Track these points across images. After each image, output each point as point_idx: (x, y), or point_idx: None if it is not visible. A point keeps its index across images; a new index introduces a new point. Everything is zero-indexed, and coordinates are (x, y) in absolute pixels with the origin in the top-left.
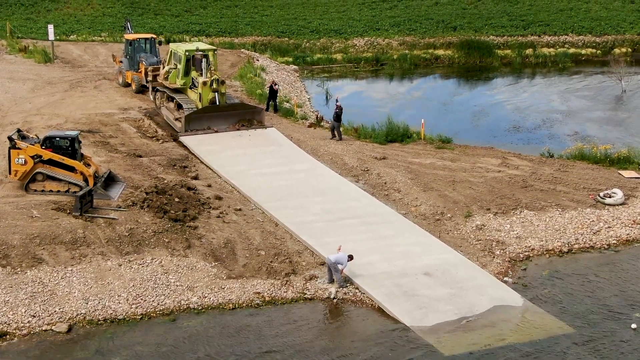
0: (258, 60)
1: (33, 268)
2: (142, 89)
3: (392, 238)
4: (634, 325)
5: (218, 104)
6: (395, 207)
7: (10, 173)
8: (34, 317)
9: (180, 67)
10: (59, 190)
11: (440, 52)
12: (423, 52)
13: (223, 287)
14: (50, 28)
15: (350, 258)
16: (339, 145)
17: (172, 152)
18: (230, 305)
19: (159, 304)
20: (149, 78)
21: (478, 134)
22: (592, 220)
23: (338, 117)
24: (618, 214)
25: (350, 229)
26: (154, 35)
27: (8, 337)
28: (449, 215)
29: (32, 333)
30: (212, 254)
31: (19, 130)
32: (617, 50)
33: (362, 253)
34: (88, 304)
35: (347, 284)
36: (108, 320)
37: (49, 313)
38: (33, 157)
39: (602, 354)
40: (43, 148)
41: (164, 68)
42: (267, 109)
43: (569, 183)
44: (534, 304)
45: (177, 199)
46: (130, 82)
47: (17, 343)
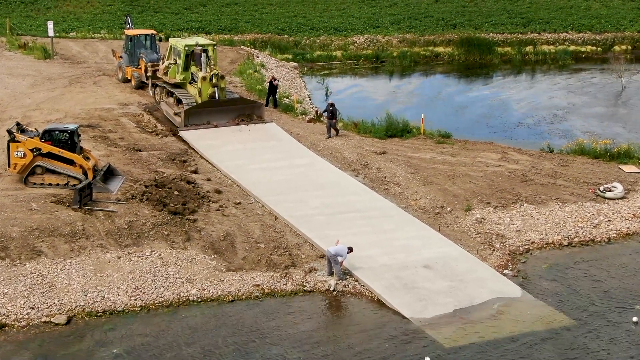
0: (258, 57)
1: (32, 260)
2: (141, 85)
3: (392, 232)
4: (635, 319)
5: (218, 99)
6: (395, 201)
7: (10, 166)
8: (33, 308)
9: (180, 62)
10: (58, 184)
11: (440, 49)
12: (423, 49)
13: (222, 279)
14: (50, 24)
15: (350, 250)
16: (339, 140)
17: (171, 146)
18: (230, 298)
19: (158, 296)
20: (149, 74)
21: (478, 130)
22: (592, 214)
23: (332, 114)
24: (618, 208)
25: (350, 223)
26: (155, 32)
27: (7, 328)
28: (449, 209)
29: (30, 325)
30: (211, 247)
31: (18, 124)
32: (617, 48)
33: (362, 246)
34: (87, 296)
35: (346, 277)
36: (107, 312)
37: (48, 305)
38: (32, 150)
39: (602, 346)
40: (42, 141)
41: (164, 63)
42: (266, 105)
43: (569, 177)
44: (534, 297)
45: (176, 192)
46: (130, 78)
47: (16, 334)
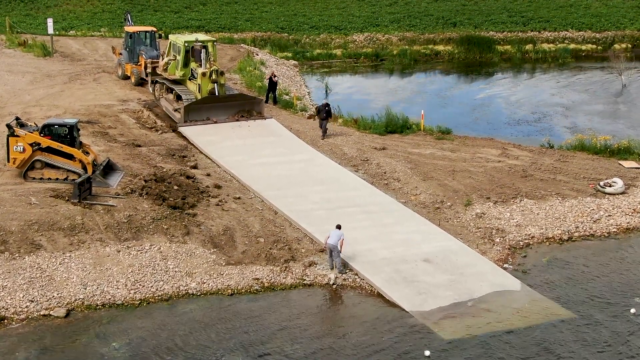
0: (257, 55)
1: (31, 254)
2: (141, 82)
3: (392, 226)
4: (633, 310)
5: (217, 95)
6: (395, 196)
7: (9, 161)
8: (32, 302)
9: (180, 58)
10: (58, 178)
11: (440, 47)
12: (423, 47)
13: (222, 273)
14: (50, 22)
15: (338, 227)
16: (339, 136)
17: (171, 142)
18: (229, 291)
19: (158, 290)
20: (149, 71)
21: (478, 127)
22: (592, 209)
23: (328, 114)
24: (618, 203)
25: (350, 217)
26: (154, 29)
27: (6, 321)
28: (449, 204)
29: (30, 318)
30: (211, 241)
31: (18, 118)
32: (617, 46)
33: (362, 240)
34: (86, 289)
35: (346, 270)
36: (106, 306)
37: (47, 298)
38: (32, 144)
39: (601, 338)
40: (42, 136)
41: (163, 59)
42: (266, 101)
43: (569, 173)
44: (534, 290)
45: (176, 187)
46: (130, 74)
47: (15, 327)
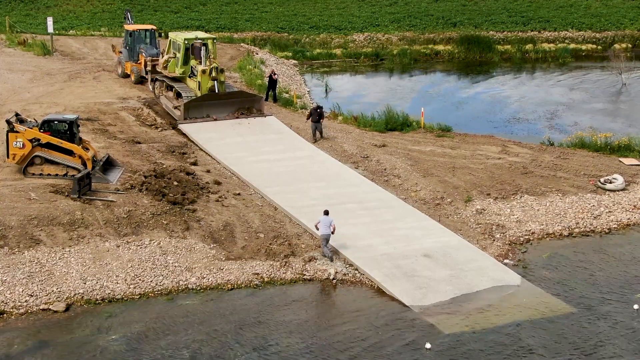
0: (257, 54)
1: (31, 249)
2: (141, 80)
3: (392, 222)
4: (636, 306)
5: (217, 92)
6: (395, 192)
7: (9, 157)
8: (32, 296)
9: (180, 55)
10: (57, 174)
11: (440, 47)
12: (423, 47)
13: (222, 268)
14: (50, 20)
15: (326, 213)
16: (339, 134)
17: (171, 139)
18: (229, 286)
19: (157, 284)
20: (148, 69)
21: (478, 125)
22: (592, 205)
23: (320, 117)
24: (619, 199)
25: (351, 213)
26: (154, 27)
27: (5, 316)
28: (449, 200)
29: (29, 312)
30: (210, 236)
31: (17, 114)
32: (617, 46)
33: (362, 236)
34: (86, 284)
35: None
36: (106, 300)
37: (47, 292)
38: (31, 140)
39: (602, 333)
40: (41, 131)
41: (163, 57)
42: (266, 99)
43: (570, 170)
44: (534, 285)
45: (175, 183)
46: (130, 73)
47: (14, 322)
